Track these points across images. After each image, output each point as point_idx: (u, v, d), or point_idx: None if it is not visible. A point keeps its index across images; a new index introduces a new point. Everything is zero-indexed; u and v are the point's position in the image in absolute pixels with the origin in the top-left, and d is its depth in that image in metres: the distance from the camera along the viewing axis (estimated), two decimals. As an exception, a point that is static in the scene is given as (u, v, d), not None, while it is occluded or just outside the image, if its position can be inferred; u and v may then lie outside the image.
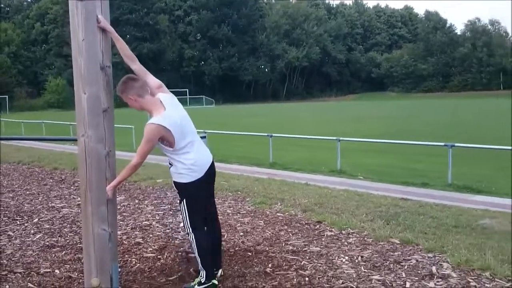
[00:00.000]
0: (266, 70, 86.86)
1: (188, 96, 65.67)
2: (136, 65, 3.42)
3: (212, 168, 3.66)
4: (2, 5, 76.57)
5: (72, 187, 8.07)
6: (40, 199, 7.22)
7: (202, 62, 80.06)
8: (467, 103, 50.69)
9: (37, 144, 16.05)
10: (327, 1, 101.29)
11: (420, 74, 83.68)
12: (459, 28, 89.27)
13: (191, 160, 3.45)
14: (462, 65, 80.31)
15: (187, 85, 71.86)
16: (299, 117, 33.58)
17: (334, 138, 11.88)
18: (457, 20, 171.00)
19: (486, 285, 3.56)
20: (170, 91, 3.66)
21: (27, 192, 7.75)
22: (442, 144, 10.09)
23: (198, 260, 3.62)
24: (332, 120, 29.61)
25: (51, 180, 8.86)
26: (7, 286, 3.96)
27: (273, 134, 13.13)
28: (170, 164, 3.55)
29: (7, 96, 55.32)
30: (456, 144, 9.76)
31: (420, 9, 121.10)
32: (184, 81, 75.58)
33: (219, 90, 78.52)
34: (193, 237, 3.58)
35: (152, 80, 3.50)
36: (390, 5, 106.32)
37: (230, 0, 78.92)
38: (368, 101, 67.79)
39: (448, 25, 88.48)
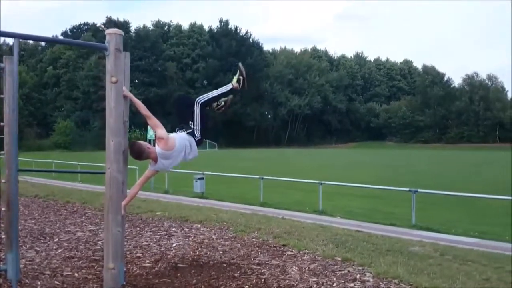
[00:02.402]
0: (269, 116, 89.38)
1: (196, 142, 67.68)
2: (150, 121, 4.71)
3: None
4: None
5: (83, 217, 9.44)
6: (57, 225, 8.58)
7: (207, 107, 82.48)
8: (459, 154, 52.22)
9: (49, 181, 17.54)
10: (329, 54, 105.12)
11: (418, 125, 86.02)
12: (456, 82, 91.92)
13: None
14: (459, 118, 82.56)
15: (192, 129, 74.02)
16: (297, 162, 35.07)
17: (317, 181, 13.28)
18: (455, 74, 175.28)
19: (391, 287, 4.90)
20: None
21: (46, 220, 9.11)
22: (407, 189, 11.48)
23: None
24: (328, 166, 31.08)
25: (65, 211, 10.23)
26: (39, 283, 5.28)
27: (264, 177, 14.59)
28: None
29: (17, 136, 57.32)
30: (419, 190, 11.18)
31: (419, 63, 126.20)
32: (189, 125, 77.88)
33: (223, 134, 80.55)
34: None
35: (159, 133, 4.73)
36: (390, 59, 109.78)
37: (236, 50, 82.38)
38: (365, 149, 69.55)
39: (445, 79, 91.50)
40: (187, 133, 4.86)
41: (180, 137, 4.77)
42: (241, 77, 5.24)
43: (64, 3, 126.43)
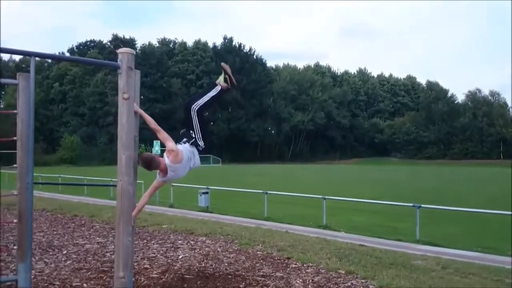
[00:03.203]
0: (273, 132, 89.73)
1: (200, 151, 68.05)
2: (160, 135, 4.88)
3: None
4: (23, 65, 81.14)
5: (91, 230, 9.60)
6: (66, 237, 8.74)
7: (212, 123, 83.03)
8: (463, 170, 52.15)
9: (56, 195, 17.73)
10: (332, 69, 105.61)
11: (422, 141, 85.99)
12: (460, 98, 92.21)
13: None
14: (463, 134, 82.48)
15: (196, 144, 74.35)
16: (301, 178, 35.12)
17: (320, 196, 13.39)
18: (458, 90, 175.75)
19: (393, 297, 5.03)
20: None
21: (55, 232, 9.28)
22: (411, 205, 11.58)
23: None
24: (331, 181, 31.13)
25: (73, 224, 10.40)
26: (48, 294, 5.44)
27: (268, 192, 14.72)
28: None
29: (22, 151, 57.78)
30: (423, 205, 11.27)
31: (422, 79, 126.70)
32: (193, 140, 78.27)
33: (227, 149, 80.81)
34: None
35: (169, 145, 4.78)
36: (394, 74, 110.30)
37: (241, 66, 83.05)
38: (369, 165, 69.45)
39: (449, 95, 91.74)
40: (190, 144, 5.02)
41: (185, 149, 4.95)
42: (227, 76, 5.28)
43: (69, 20, 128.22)
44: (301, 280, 5.72)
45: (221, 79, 5.31)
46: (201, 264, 6.56)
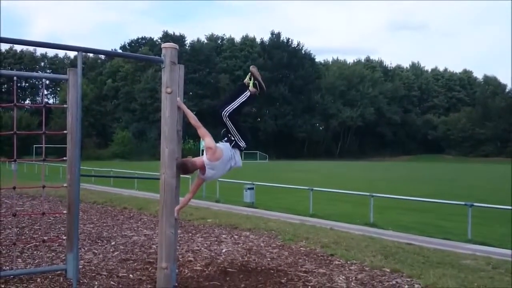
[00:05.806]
0: (321, 128, 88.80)
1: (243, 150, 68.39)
2: (199, 130, 4.95)
3: None
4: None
5: (139, 222, 9.86)
6: (115, 229, 9.01)
7: (259, 119, 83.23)
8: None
9: (107, 189, 18.37)
10: (384, 64, 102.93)
11: (478, 138, 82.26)
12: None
13: None
14: (522, 131, 78.42)
15: (243, 140, 74.84)
16: (348, 175, 34.60)
17: (368, 194, 13.12)
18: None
19: (440, 298, 4.84)
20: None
21: (104, 224, 9.59)
22: (463, 203, 11.12)
23: None
24: (381, 179, 30.43)
25: (122, 217, 10.71)
26: (96, 283, 5.60)
27: (314, 188, 14.59)
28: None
29: (78, 146, 60.42)
30: (475, 204, 10.80)
31: (479, 73, 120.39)
32: (240, 136, 78.82)
33: (273, 146, 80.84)
34: None
35: (207, 142, 4.84)
36: (449, 69, 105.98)
37: (288, 62, 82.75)
38: (422, 163, 67.43)
39: (507, 90, 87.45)
40: (232, 146, 5.03)
41: (226, 148, 4.97)
42: (256, 82, 5.14)
43: (123, 17, 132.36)
44: (344, 277, 5.63)
45: (250, 83, 5.20)
46: (243, 258, 6.58)
